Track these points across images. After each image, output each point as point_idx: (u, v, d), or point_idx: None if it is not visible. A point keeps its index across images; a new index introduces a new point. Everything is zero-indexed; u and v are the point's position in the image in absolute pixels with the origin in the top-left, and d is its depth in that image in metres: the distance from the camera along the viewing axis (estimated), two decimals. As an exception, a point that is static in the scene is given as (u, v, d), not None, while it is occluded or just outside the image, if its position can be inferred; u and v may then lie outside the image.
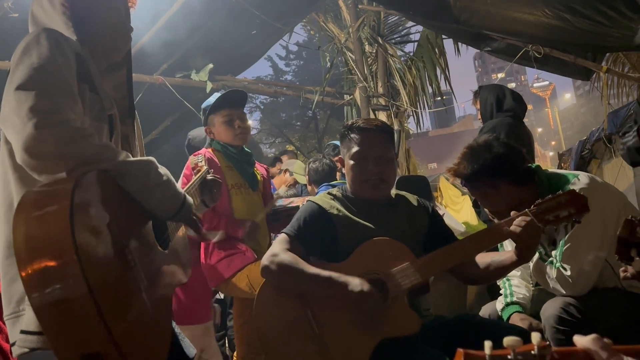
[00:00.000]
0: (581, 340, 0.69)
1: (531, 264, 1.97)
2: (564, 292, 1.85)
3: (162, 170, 1.38)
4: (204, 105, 2.69)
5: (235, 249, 2.47)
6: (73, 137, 1.19)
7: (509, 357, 0.62)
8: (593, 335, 0.68)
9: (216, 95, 2.70)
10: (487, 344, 0.62)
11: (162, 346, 1.29)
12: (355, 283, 1.62)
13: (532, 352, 0.62)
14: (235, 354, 2.62)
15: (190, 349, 1.54)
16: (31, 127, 1.15)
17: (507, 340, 0.62)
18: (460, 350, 0.62)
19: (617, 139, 5.87)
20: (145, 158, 1.36)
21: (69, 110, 1.22)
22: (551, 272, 1.86)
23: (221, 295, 3.53)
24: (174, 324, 1.54)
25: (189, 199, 1.47)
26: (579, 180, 1.88)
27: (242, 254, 2.45)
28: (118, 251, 1.18)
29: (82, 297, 1.01)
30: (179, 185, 1.46)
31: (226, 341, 3.63)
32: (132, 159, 1.32)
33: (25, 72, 1.22)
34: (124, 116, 1.54)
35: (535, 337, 0.63)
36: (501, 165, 1.92)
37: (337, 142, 4.04)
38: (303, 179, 4.34)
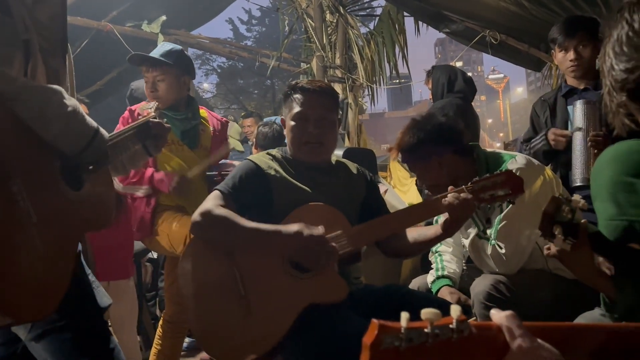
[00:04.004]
0: (496, 316, 0.66)
1: (466, 241, 1.99)
2: (497, 270, 1.88)
3: (70, 101, 1.26)
4: None
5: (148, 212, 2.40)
6: None
7: (426, 330, 0.58)
8: (508, 312, 0.66)
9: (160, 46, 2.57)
10: (404, 316, 0.57)
11: (55, 292, 1.20)
12: (296, 227, 1.60)
13: (450, 325, 0.59)
14: (163, 313, 2.56)
15: (104, 299, 1.46)
16: None
17: (425, 312, 0.58)
18: (374, 321, 0.57)
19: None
20: (48, 86, 1.24)
21: None
22: (488, 249, 1.90)
23: (154, 255, 3.43)
24: (88, 271, 1.45)
25: (103, 134, 1.36)
26: (516, 161, 1.91)
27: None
28: None
29: None
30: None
31: (157, 302, 3.55)
32: (30, 85, 1.20)
33: None
34: (55, 49, 1.41)
35: (454, 310, 0.59)
36: (444, 133, 1.96)
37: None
38: (238, 145, 4.24)
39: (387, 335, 0.57)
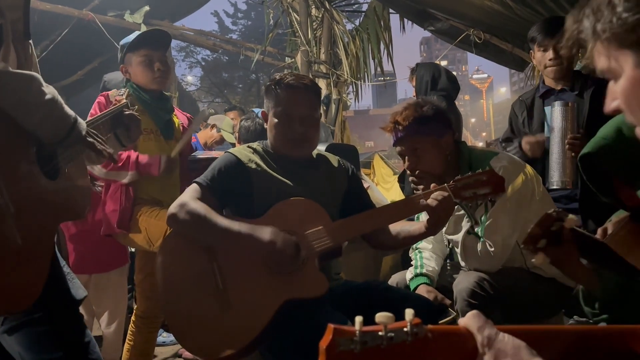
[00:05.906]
0: (463, 320, 0.67)
1: (452, 237, 2.00)
2: (482, 266, 1.89)
3: (48, 89, 1.24)
4: (122, 42, 2.47)
5: (129, 206, 2.34)
6: None
7: (380, 333, 0.59)
8: (473, 312, 0.66)
9: (137, 33, 2.51)
10: (358, 319, 0.59)
11: (34, 282, 1.18)
12: (269, 235, 1.58)
13: (405, 329, 0.60)
14: (135, 308, 2.52)
15: (79, 291, 1.44)
16: None
17: (379, 316, 0.59)
18: (330, 325, 0.59)
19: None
20: (27, 72, 1.21)
21: None
22: (478, 245, 1.91)
23: (132, 249, 3.38)
24: (63, 262, 1.43)
25: (81, 124, 1.33)
26: (498, 159, 1.92)
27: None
28: None
29: None
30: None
31: (134, 295, 3.50)
32: (10, 70, 1.17)
33: None
34: (16, 40, 1.38)
35: (408, 313, 0.60)
36: (445, 116, 1.99)
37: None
38: (231, 137, 4.22)
39: (342, 338, 0.58)
